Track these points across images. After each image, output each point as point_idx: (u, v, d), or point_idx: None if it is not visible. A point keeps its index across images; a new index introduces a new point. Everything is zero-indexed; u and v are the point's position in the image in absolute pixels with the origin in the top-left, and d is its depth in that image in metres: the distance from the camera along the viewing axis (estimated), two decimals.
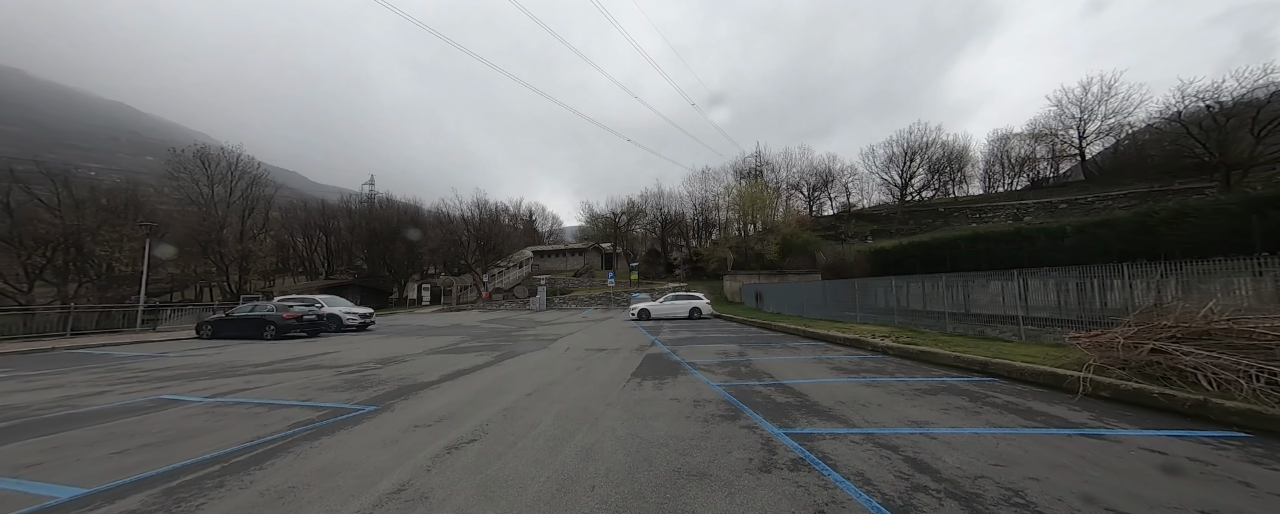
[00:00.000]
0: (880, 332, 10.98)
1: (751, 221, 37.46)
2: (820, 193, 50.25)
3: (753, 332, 14.43)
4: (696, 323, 18.96)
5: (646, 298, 27.97)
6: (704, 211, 48.55)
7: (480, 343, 13.01)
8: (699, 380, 6.68)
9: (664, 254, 49.55)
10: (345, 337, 15.61)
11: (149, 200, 32.83)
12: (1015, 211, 35.60)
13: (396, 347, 12.49)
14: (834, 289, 18.14)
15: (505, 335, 15.09)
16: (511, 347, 11.86)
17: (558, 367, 8.39)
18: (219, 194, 32.34)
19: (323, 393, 6.42)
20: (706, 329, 15.76)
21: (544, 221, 73.71)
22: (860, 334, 10.43)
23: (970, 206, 39.93)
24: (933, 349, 7.67)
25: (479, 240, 37.62)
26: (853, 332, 11.02)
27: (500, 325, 19.64)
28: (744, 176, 46.60)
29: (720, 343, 11.53)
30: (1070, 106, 34.10)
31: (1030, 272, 11.66)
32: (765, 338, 12.53)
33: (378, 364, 9.32)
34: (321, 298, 17.72)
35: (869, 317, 15.15)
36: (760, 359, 8.59)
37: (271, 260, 36.16)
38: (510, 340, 13.51)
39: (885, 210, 45.38)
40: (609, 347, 11.33)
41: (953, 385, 5.86)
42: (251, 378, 7.88)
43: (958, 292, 13.46)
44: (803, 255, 35.04)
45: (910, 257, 29.05)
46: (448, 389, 6.53)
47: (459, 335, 15.43)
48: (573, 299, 34.77)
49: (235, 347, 13.13)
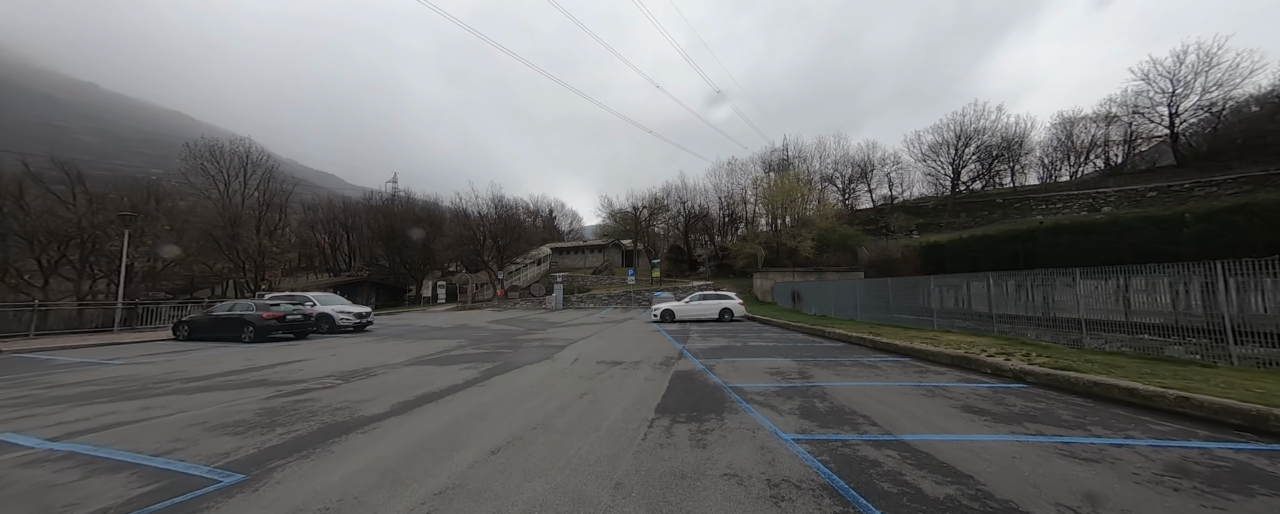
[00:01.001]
0: (982, 344, 8.37)
1: (782, 215, 34.56)
2: (856, 184, 46.68)
3: (802, 340, 11.93)
4: (729, 327, 16.53)
5: (670, 297, 25.64)
6: (730, 206, 45.81)
7: (477, 350, 11.02)
8: (761, 428, 4.36)
9: (687, 251, 47.05)
10: (333, 340, 13.96)
11: (169, 197, 32.76)
12: (1091, 201, 31.48)
13: (379, 354, 10.63)
14: (883, 288, 15.47)
15: (509, 340, 13.09)
16: (510, 356, 9.79)
17: (557, 391, 6.21)
18: (234, 189, 31.88)
19: (208, 436, 4.43)
20: (743, 335, 13.35)
21: (564, 219, 72.34)
22: (961, 348, 7.85)
23: (1032, 197, 35.83)
24: (1113, 380, 5.08)
25: (495, 237, 36.11)
26: (945, 344, 8.44)
27: (508, 327, 17.73)
28: (772, 168, 43.56)
29: (768, 356, 9.13)
30: (1160, 79, 29.68)
31: (1134, 269, 9.09)
32: (822, 349, 10.03)
33: (335, 380, 7.38)
34: (316, 296, 16.24)
35: (928, 320, 12.46)
36: (836, 386, 6.18)
37: (290, 257, 35.66)
38: (512, 347, 11.47)
39: (931, 202, 41.54)
40: (627, 359, 9.10)
41: (1245, 463, 3.34)
42: (156, 402, 6.03)
43: (1034, 292, 11.10)
44: (841, 251, 31.97)
45: (971, 251, 25.72)
46: (385, 434, 4.44)
47: (458, 339, 13.54)
48: (591, 298, 32.79)
49: (200, 351, 11.58)
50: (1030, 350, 7.46)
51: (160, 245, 29.93)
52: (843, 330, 11.79)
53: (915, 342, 8.93)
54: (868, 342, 10.02)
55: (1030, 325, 11.51)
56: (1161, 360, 6.55)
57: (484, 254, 36.95)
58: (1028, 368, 6.02)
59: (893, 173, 41.90)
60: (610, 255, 51.45)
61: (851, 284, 19.23)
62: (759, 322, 17.98)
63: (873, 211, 43.79)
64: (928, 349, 8.11)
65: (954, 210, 37.86)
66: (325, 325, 15.21)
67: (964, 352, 7.42)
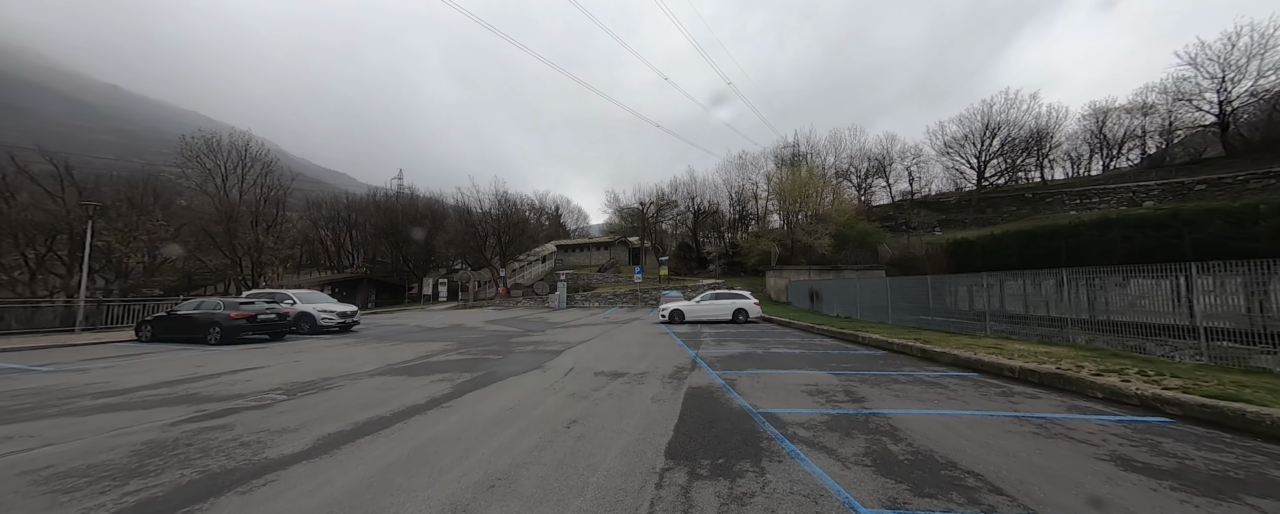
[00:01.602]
0: (1067, 356, 6.83)
1: (797, 211, 32.88)
2: (873, 179, 44.72)
3: (833, 346, 10.43)
4: (744, 329, 15.05)
5: (678, 296, 24.19)
6: (741, 201, 44.13)
7: (461, 355, 9.70)
8: (825, 494, 2.93)
9: (696, 248, 45.51)
10: (310, 342, 12.75)
11: (168, 191, 32.03)
12: (1131, 195, 29.35)
13: (350, 359, 9.35)
14: (918, 287, 13.92)
15: (501, 343, 11.76)
16: (495, 365, 8.44)
17: (538, 418, 4.83)
18: (232, 183, 31.02)
19: (23, 496, 3.11)
20: (762, 339, 11.88)
21: (571, 216, 71.18)
22: (1046, 361, 6.34)
23: (1063, 192, 33.69)
24: None
25: (497, 234, 34.91)
26: (1016, 355, 6.93)
27: (505, 327, 16.43)
28: (784, 164, 41.78)
29: (799, 367, 7.67)
30: (1208, 64, 27.46)
31: (1206, 266, 7.85)
32: (862, 359, 8.54)
33: (279, 396, 6.09)
34: (299, 293, 15.07)
35: (975, 324, 10.93)
36: (904, 415, 4.71)
37: (289, 253, 34.80)
38: (502, 352, 10.13)
39: (953, 198, 39.49)
40: (630, 369, 7.70)
41: None
42: (31, 429, 4.76)
43: (1081, 292, 10.04)
44: (860, 248, 30.24)
45: (1004, 248, 23.91)
46: (270, 496, 3.07)
47: (445, 341, 12.25)
48: (596, 296, 31.46)
49: (151, 356, 10.39)
50: (1137, 366, 5.92)
51: (156, 241, 29.25)
52: (878, 335, 10.26)
53: (980, 352, 7.40)
54: (915, 350, 8.50)
55: (1081, 329, 10.14)
56: None
57: (486, 251, 35.78)
58: (1163, 394, 4.50)
59: (913, 166, 39.87)
60: (617, 253, 50.09)
61: (878, 283, 17.63)
62: (777, 323, 16.47)
63: (891, 207, 41.85)
64: (1000, 362, 6.59)
65: (978, 206, 35.85)
66: (306, 325, 14.02)
67: (1054, 367, 5.90)
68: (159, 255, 25.72)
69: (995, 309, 13.81)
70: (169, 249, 31.80)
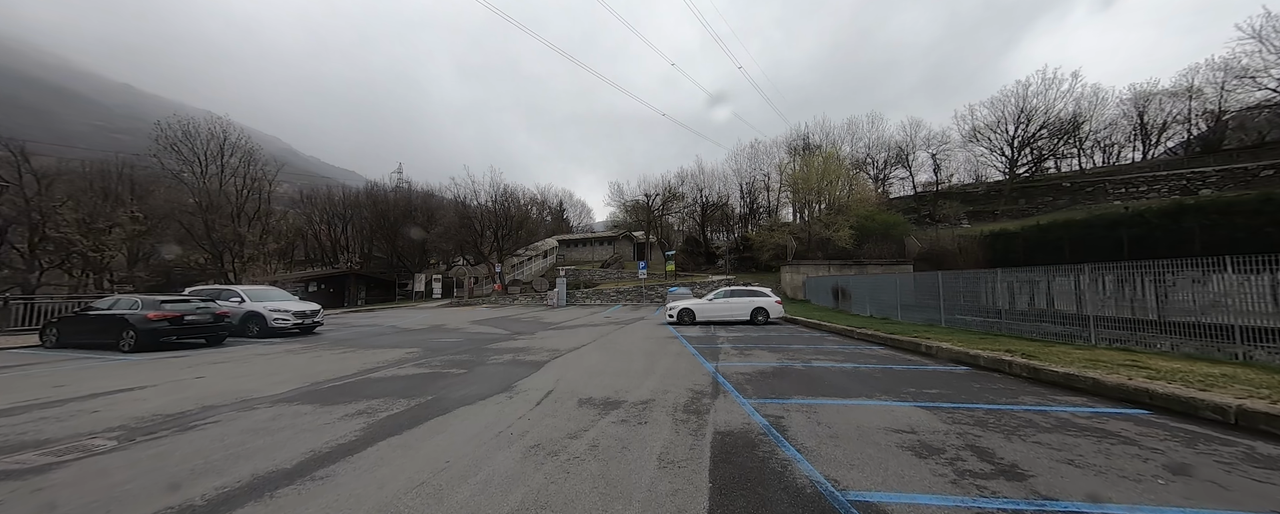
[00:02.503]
0: (1255, 381, 4.58)
1: (815, 201, 30.50)
2: (893, 169, 42.11)
3: (886, 356, 8.23)
4: (766, 331, 12.85)
5: (687, 294, 21.99)
6: (752, 193, 41.80)
7: (416, 369, 7.62)
8: None
9: (704, 242, 43.25)
10: (249, 347, 10.75)
11: (146, 181, 30.29)
12: (1185, 183, 26.68)
13: (267, 376, 7.30)
14: (959, 283, 11.74)
15: (474, 351, 9.67)
16: (449, 387, 6.33)
17: (465, 506, 2.69)
18: (212, 173, 29.20)
19: None
20: (792, 345, 9.69)
21: (575, 212, 69.13)
22: (1239, 391, 4.09)
23: (1106, 180, 31.03)
24: None
25: (495, 227, 32.88)
26: (1220, 387, 4.67)
27: (489, 329, 14.37)
28: (797, 153, 39.31)
29: (865, 395, 5.49)
30: (1277, 37, 24.65)
31: None
32: (943, 378, 6.35)
33: (105, 441, 4.06)
34: (250, 290, 13.08)
35: (1075, 330, 8.67)
36: None
37: (276, 247, 33.02)
38: (469, 364, 8.04)
39: (982, 188, 36.87)
40: (630, 395, 5.56)
41: None
42: None
43: (1145, 287, 8.62)
44: (883, 242, 27.87)
45: (1052, 240, 21.47)
46: None
47: (409, 349, 10.19)
48: (598, 293, 29.36)
49: (23, 368, 8.40)
50: None
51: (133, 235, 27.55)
52: (945, 343, 8.03)
53: (1130, 374, 5.16)
54: (1016, 367, 6.28)
55: (1159, 333, 8.14)
56: None
57: (482, 246, 33.79)
58: None
59: (938, 153, 37.17)
60: (620, 248, 47.99)
61: (924, 278, 15.29)
62: (803, 325, 14.25)
63: (912, 199, 39.30)
64: (1191, 396, 4.35)
65: (1010, 196, 33.24)
66: (255, 327, 12.01)
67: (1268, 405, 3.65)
68: (108, 249, 23.81)
69: (1036, 307, 11.70)
70: (167, 248, 30.23)
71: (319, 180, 59.11)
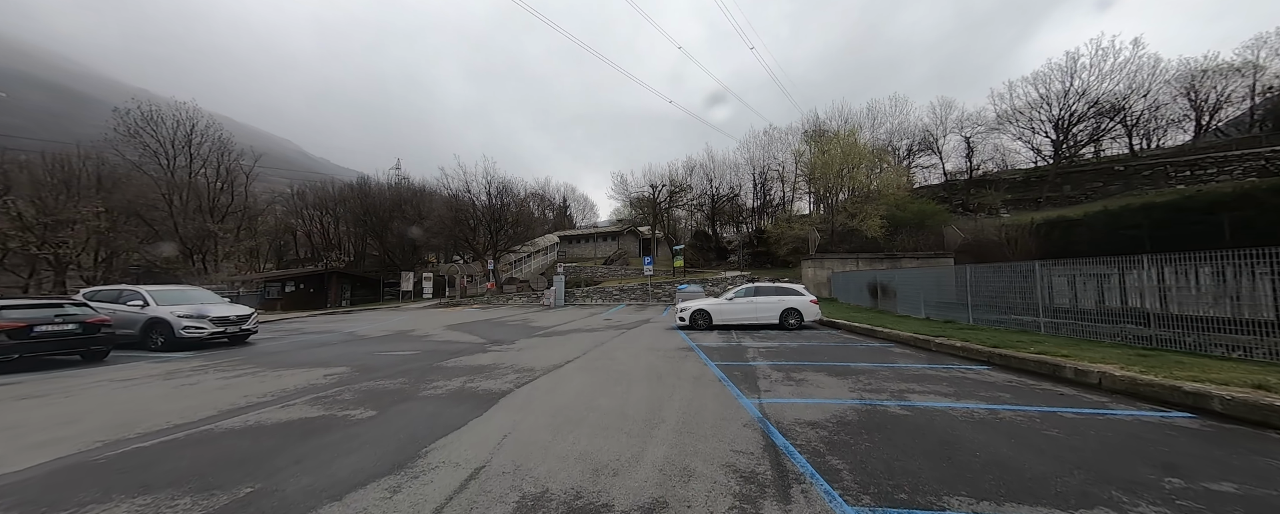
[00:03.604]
0: None
1: (838, 188, 27.61)
2: (918, 156, 38.91)
3: (1010, 383, 5.53)
4: (806, 340, 10.15)
5: (699, 292, 19.32)
6: (765, 181, 38.91)
7: (308, 410, 5.08)
8: None
9: (715, 237, 40.47)
10: (138, 364, 8.31)
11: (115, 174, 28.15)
12: (1264, 163, 23.48)
13: (87, 418, 4.78)
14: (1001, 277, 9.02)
15: (416, 375, 7.09)
16: (324, 456, 3.72)
17: None
18: (180, 164, 26.96)
19: None
20: (855, 362, 7.01)
21: (577, 205, 66.63)
22: None
23: (1167, 162, 27.75)
24: None
25: (489, 222, 30.38)
26: None
27: (462, 337, 11.82)
28: (814, 140, 36.32)
29: (1090, 498, 2.76)
30: None
31: None
32: (1179, 440, 3.60)
33: None
34: (163, 291, 10.61)
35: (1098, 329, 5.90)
36: None
37: (253, 245, 30.82)
38: (392, 400, 5.45)
39: (1020, 175, 33.64)
40: (617, 485, 2.87)
41: None
42: None
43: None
44: (919, 232, 24.94)
45: (1125, 227, 18.46)
46: None
47: (342, 367, 7.66)
48: (599, 292, 26.77)
49: None
50: None
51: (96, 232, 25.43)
52: (1110, 367, 5.29)
53: None
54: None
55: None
56: None
57: (475, 242, 31.32)
58: None
59: (974, 137, 33.91)
60: (625, 243, 45.37)
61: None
62: (845, 329, 11.54)
63: (942, 188, 36.15)
64: None
65: (1055, 182, 30.04)
66: (160, 338, 9.54)
67: None
68: (63, 245, 21.61)
69: (1104, 304, 9.15)
70: (132, 245, 28.11)
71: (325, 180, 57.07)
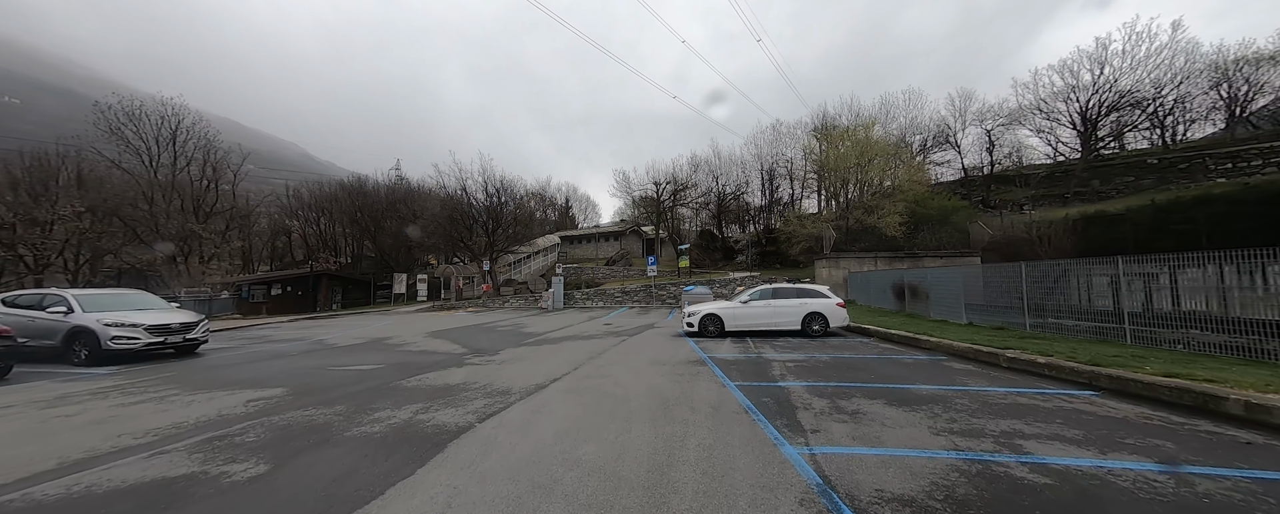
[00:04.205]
0: None
1: (852, 182, 26.05)
2: (933, 152, 37.24)
3: (1147, 422, 4.04)
4: (839, 352, 8.65)
5: (707, 295, 17.86)
6: (772, 178, 37.37)
7: (180, 464, 3.64)
8: None
9: (721, 236, 38.98)
10: (44, 384, 6.96)
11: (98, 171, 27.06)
12: None
13: None
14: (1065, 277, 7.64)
15: (369, 396, 5.67)
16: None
17: None
18: (163, 162, 25.82)
19: None
20: (918, 385, 5.55)
21: (579, 204, 65.34)
22: None
23: (1206, 153, 25.99)
24: None
25: (485, 221, 29.06)
26: None
27: (440, 347, 10.41)
28: (823, 138, 34.77)
29: None
30: None
31: None
32: None
33: None
34: (93, 296, 9.19)
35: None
36: None
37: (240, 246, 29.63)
38: (307, 445, 4.02)
39: (1042, 170, 31.92)
40: None
41: None
42: None
43: None
44: (941, 229, 23.34)
45: (1174, 222, 16.89)
46: None
47: (278, 389, 6.26)
48: (601, 294, 25.34)
49: None
50: None
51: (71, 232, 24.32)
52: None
53: None
54: None
55: None
56: None
57: (471, 243, 29.99)
58: None
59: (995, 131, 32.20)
60: (628, 243, 43.97)
61: (992, 271, 10.85)
62: (881, 337, 10.04)
63: (959, 184, 34.47)
64: None
65: (1082, 177, 28.31)
66: (84, 350, 8.19)
67: None
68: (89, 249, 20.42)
69: (1149, 308, 7.82)
70: (113, 246, 26.98)
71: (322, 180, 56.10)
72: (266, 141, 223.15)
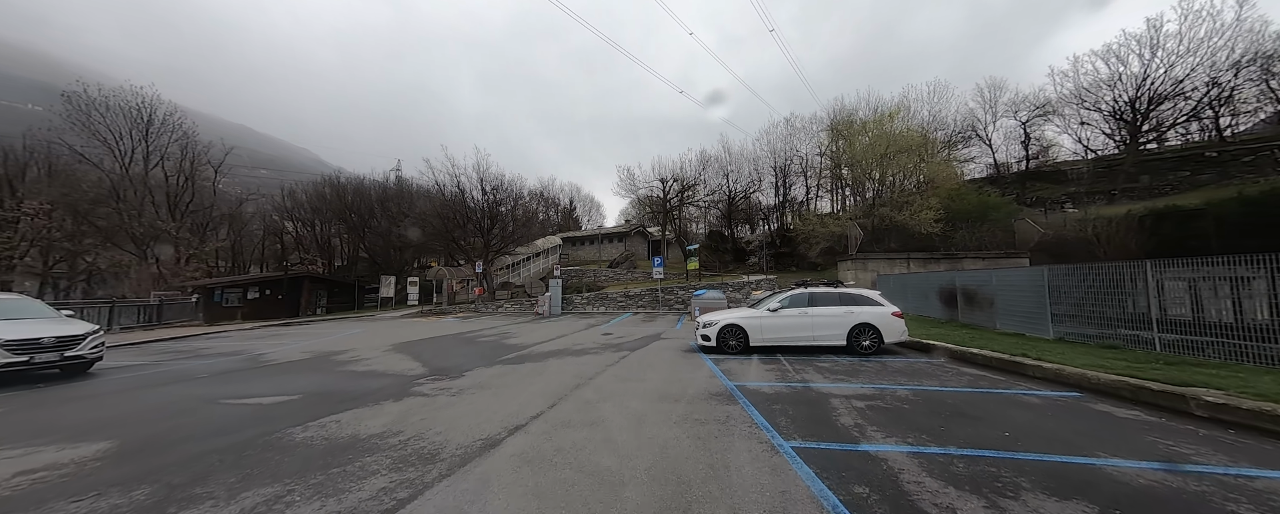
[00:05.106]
0: None
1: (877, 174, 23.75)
2: (959, 148, 34.82)
3: None
4: (919, 380, 6.44)
5: (720, 301, 15.60)
6: (787, 175, 35.14)
7: None
8: None
9: (732, 237, 36.74)
10: None
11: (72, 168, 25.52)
12: None
13: None
14: None
15: (227, 461, 3.54)
16: None
17: None
18: (138, 157, 24.17)
19: None
20: (1093, 454, 3.35)
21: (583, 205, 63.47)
22: None
23: (1272, 146, 23.43)
24: None
25: (479, 221, 27.10)
26: None
27: (398, 366, 8.31)
28: (842, 130, 32.52)
29: None
30: None
31: None
32: None
33: None
34: None
35: None
36: None
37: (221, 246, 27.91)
38: None
39: (1083, 166, 29.44)
40: None
41: None
42: None
43: None
44: (980, 227, 20.97)
45: (1270, 217, 14.49)
46: None
47: (105, 442, 4.17)
48: (602, 298, 23.24)
49: None
50: None
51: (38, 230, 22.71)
52: None
53: None
54: None
55: None
56: None
57: (463, 243, 28.02)
58: None
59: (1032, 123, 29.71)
60: (633, 244, 41.84)
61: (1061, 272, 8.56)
62: (959, 358, 7.82)
63: (988, 181, 32.03)
64: None
65: (1130, 172, 25.80)
66: None
67: None
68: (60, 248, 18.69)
69: None
70: (84, 245, 25.36)
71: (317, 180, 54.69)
72: (277, 146, 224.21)
